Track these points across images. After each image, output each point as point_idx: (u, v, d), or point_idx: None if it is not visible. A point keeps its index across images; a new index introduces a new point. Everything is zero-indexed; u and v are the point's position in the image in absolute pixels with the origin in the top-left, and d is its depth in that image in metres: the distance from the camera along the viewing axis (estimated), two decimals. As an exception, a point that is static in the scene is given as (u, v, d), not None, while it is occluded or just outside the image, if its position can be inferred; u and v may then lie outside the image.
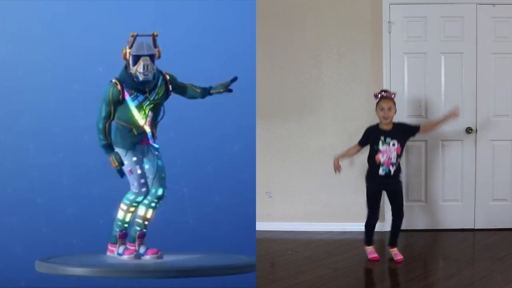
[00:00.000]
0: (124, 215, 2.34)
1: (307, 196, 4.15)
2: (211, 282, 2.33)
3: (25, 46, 2.68)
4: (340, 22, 4.01)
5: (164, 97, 2.32)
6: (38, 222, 2.67)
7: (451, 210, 4.05)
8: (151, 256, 2.32)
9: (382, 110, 3.17)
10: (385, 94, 3.21)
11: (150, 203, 2.33)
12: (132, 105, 2.26)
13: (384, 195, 3.38)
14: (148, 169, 2.32)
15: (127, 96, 2.25)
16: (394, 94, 3.24)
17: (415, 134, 3.27)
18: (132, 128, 2.28)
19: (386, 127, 3.20)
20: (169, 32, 2.39)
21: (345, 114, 4.05)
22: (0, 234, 2.66)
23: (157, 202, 2.34)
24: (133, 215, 2.35)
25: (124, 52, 2.24)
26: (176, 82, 2.36)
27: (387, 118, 3.17)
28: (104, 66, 2.46)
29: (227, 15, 2.80)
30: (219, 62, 2.77)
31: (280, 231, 4.09)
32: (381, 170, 3.20)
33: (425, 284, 2.94)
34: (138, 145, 2.30)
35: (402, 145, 3.21)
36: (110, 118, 2.24)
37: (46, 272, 2.15)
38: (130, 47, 2.22)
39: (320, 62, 4.05)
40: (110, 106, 2.22)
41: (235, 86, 2.50)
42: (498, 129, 3.98)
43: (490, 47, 3.91)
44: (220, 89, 2.42)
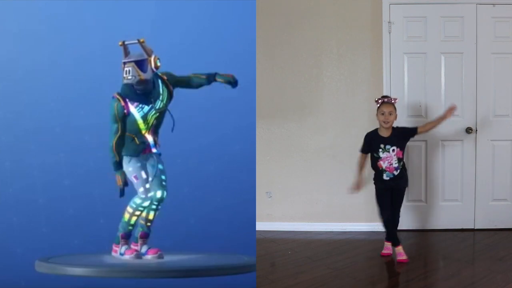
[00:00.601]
0: (129, 218, 2.33)
1: (307, 196, 4.15)
2: (211, 282, 2.33)
3: (25, 46, 2.69)
4: (340, 22, 4.01)
5: (168, 101, 2.30)
6: (39, 222, 2.67)
7: (451, 210, 4.05)
8: (152, 256, 2.32)
9: (382, 114, 3.17)
10: (386, 100, 3.21)
11: (151, 205, 2.33)
12: (137, 116, 2.24)
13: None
14: (150, 173, 2.32)
15: (132, 108, 2.23)
16: (395, 100, 3.23)
17: (414, 135, 3.26)
18: (134, 137, 2.28)
19: (384, 134, 3.20)
20: (169, 32, 2.39)
21: (345, 114, 4.05)
22: (1, 234, 2.67)
23: (157, 204, 2.33)
24: (138, 218, 2.34)
25: (122, 66, 2.20)
26: (175, 78, 2.31)
27: (388, 122, 3.16)
28: (104, 66, 2.46)
29: (227, 15, 2.81)
30: (219, 62, 2.77)
31: (280, 231, 4.09)
32: (385, 176, 3.21)
33: (425, 284, 2.94)
34: (141, 153, 2.30)
35: (402, 148, 3.21)
36: (119, 133, 2.21)
37: (46, 272, 2.14)
38: (125, 57, 2.20)
39: (320, 62, 4.05)
40: (118, 122, 2.21)
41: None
42: (498, 129, 3.98)
43: (490, 47, 3.91)
44: (224, 79, 2.31)
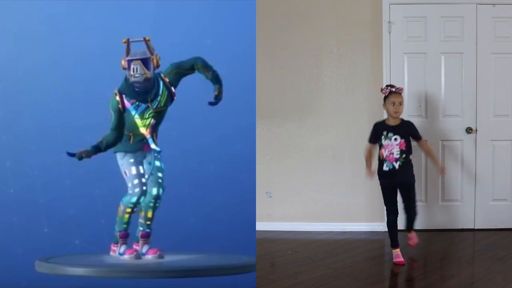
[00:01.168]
0: (122, 215, 2.34)
1: (307, 196, 4.15)
2: (211, 282, 2.33)
3: (25, 46, 2.69)
4: (340, 22, 4.01)
5: (168, 102, 2.32)
6: (40, 222, 2.67)
7: (451, 210, 4.05)
8: (152, 256, 2.32)
9: (393, 104, 3.11)
10: (394, 89, 3.14)
11: (149, 203, 2.34)
12: (134, 113, 2.27)
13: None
14: (146, 170, 2.32)
15: (128, 105, 2.26)
16: (402, 89, 3.19)
17: (415, 140, 3.23)
18: (130, 135, 2.29)
19: (392, 123, 3.17)
20: (169, 32, 2.39)
21: (345, 114, 4.05)
22: (1, 234, 2.67)
23: (154, 202, 2.34)
24: (130, 216, 2.34)
25: (122, 62, 2.24)
26: (177, 70, 2.33)
27: (398, 112, 3.12)
28: (104, 66, 2.46)
29: (227, 15, 2.81)
30: (219, 62, 2.77)
31: (280, 231, 4.09)
32: (385, 165, 3.17)
33: (425, 284, 2.94)
34: (139, 151, 2.31)
35: (407, 140, 3.14)
36: (111, 126, 2.25)
37: (46, 272, 2.15)
38: (127, 55, 2.23)
39: (320, 62, 4.05)
40: (112, 115, 2.25)
41: (235, 86, 2.49)
42: (498, 129, 3.98)
43: (490, 47, 3.91)
44: (217, 91, 2.34)
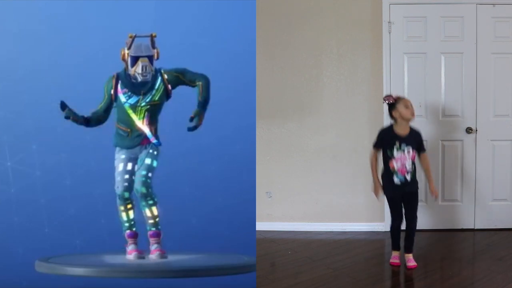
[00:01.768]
0: (120, 214, 2.34)
1: (307, 196, 4.15)
2: (211, 282, 2.33)
3: (25, 46, 2.68)
4: (340, 22, 4.01)
5: (163, 98, 2.32)
6: (40, 222, 2.67)
7: (451, 210, 4.05)
8: (154, 255, 2.31)
9: (407, 107, 3.00)
10: (401, 96, 3.09)
11: (141, 202, 2.32)
12: (126, 105, 2.28)
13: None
14: (137, 167, 2.31)
15: (121, 93, 2.27)
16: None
17: (418, 152, 3.11)
18: (128, 131, 2.30)
19: (401, 131, 3.03)
20: (169, 32, 2.39)
21: (345, 114, 4.05)
22: (2, 234, 2.67)
23: (143, 200, 2.29)
24: (128, 214, 2.33)
25: (122, 53, 2.25)
26: (180, 75, 2.32)
27: (415, 114, 3.02)
28: (105, 66, 2.45)
29: (227, 15, 2.80)
30: (219, 62, 2.77)
31: (280, 231, 4.09)
32: (395, 178, 3.04)
33: (425, 284, 2.94)
34: (138, 146, 2.31)
35: (415, 152, 3.07)
36: (103, 109, 2.28)
37: (46, 272, 2.15)
38: (129, 48, 2.23)
39: (320, 62, 4.05)
40: (105, 97, 2.29)
41: (235, 86, 2.49)
42: (498, 129, 3.98)
43: (490, 47, 3.92)
44: (198, 115, 2.28)
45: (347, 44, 4.01)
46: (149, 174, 2.29)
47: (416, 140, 3.07)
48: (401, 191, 3.09)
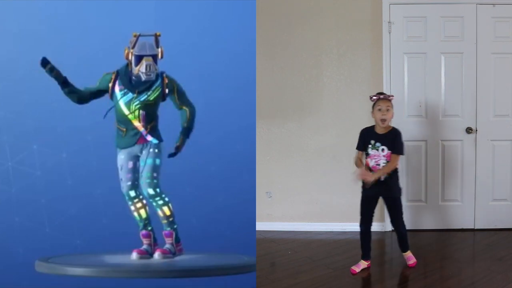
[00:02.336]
0: (132, 213, 2.33)
1: (307, 196, 4.15)
2: (211, 282, 2.33)
3: (25, 46, 2.69)
4: (340, 22, 4.01)
5: (158, 99, 2.29)
6: (41, 222, 2.67)
7: (451, 210, 4.05)
8: (158, 253, 2.30)
9: (379, 110, 2.96)
10: (382, 96, 3.02)
11: (152, 203, 2.32)
12: (121, 101, 2.27)
13: (381, 203, 3.23)
14: (140, 166, 2.30)
15: (117, 90, 2.27)
16: (392, 96, 3.06)
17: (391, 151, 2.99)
18: (124, 131, 2.29)
19: (380, 131, 3.01)
20: (169, 32, 2.39)
21: (345, 114, 4.05)
22: (3, 234, 2.67)
23: (153, 201, 2.29)
24: (139, 213, 2.32)
25: (126, 52, 2.24)
26: (176, 90, 2.30)
27: (385, 120, 2.96)
28: (105, 65, 2.45)
29: (227, 15, 2.81)
30: (219, 62, 2.77)
31: (280, 231, 4.09)
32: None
33: (425, 284, 2.94)
34: (136, 145, 2.30)
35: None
36: (88, 93, 2.30)
37: (46, 272, 2.14)
38: (133, 47, 2.23)
39: (320, 62, 4.05)
40: (96, 85, 2.30)
41: (235, 86, 2.48)
42: (498, 129, 3.98)
43: (490, 47, 3.92)
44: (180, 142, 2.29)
45: (347, 44, 4.01)
46: (154, 174, 2.27)
47: (392, 140, 2.99)
48: (375, 190, 3.01)
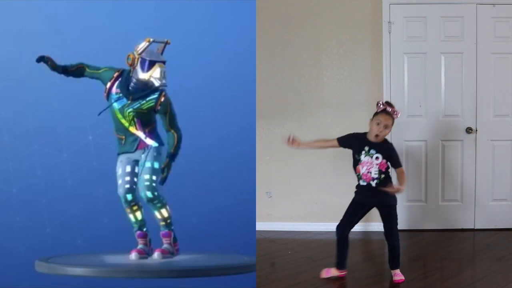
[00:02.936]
0: (128, 217, 2.33)
1: (307, 196, 4.15)
2: (211, 282, 2.33)
3: (25, 46, 2.69)
4: (340, 22, 4.01)
5: (151, 110, 2.26)
6: (42, 222, 2.67)
7: (451, 210, 4.05)
8: (157, 253, 2.30)
9: (377, 125, 2.81)
10: (388, 109, 2.83)
11: (149, 207, 2.31)
12: (115, 106, 2.25)
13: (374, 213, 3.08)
14: (138, 170, 2.29)
15: (113, 92, 2.26)
16: (397, 112, 2.86)
17: (392, 166, 2.91)
18: (123, 138, 2.29)
19: (373, 139, 2.87)
20: (169, 32, 2.40)
21: (345, 114, 4.05)
22: (4, 233, 2.67)
23: (151, 204, 2.28)
24: (135, 215, 2.32)
25: (131, 57, 2.22)
26: (169, 112, 2.26)
27: (379, 136, 2.82)
28: (105, 65, 2.46)
29: (227, 15, 2.81)
30: (219, 62, 2.77)
31: (280, 231, 4.09)
32: (361, 182, 2.92)
33: (425, 284, 2.94)
34: (137, 151, 2.29)
35: (387, 162, 2.86)
36: (91, 70, 2.30)
37: (46, 272, 2.14)
38: (141, 52, 2.21)
39: (320, 62, 4.05)
40: (98, 70, 2.29)
41: (235, 86, 2.48)
42: (498, 129, 3.98)
43: (490, 47, 3.92)
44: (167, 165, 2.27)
45: (347, 44, 4.01)
46: (153, 177, 2.25)
47: (385, 151, 2.86)
48: (365, 198, 2.94)
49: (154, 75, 2.21)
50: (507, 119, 3.99)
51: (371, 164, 2.85)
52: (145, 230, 2.35)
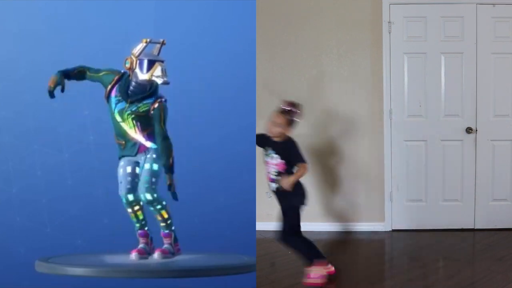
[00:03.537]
0: (130, 216, 2.34)
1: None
2: (211, 282, 2.33)
3: (25, 46, 2.69)
4: (340, 22, 4.01)
5: (146, 113, 2.25)
6: (42, 222, 2.68)
7: (451, 210, 4.05)
8: (157, 253, 2.31)
9: (271, 120, 2.72)
10: (286, 108, 2.73)
11: (149, 208, 2.32)
12: (114, 109, 2.26)
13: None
14: (138, 172, 2.30)
15: (113, 95, 2.26)
16: (295, 113, 2.75)
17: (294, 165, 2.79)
18: (123, 143, 2.29)
19: (276, 138, 2.75)
20: (169, 32, 2.40)
21: (345, 114, 4.05)
22: (4, 233, 2.68)
23: (151, 206, 2.29)
24: (136, 215, 2.33)
25: (130, 61, 2.22)
26: (163, 120, 2.24)
27: (272, 133, 2.73)
28: (105, 65, 2.46)
29: (227, 15, 2.81)
30: (219, 62, 2.78)
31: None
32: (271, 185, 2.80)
33: (425, 284, 2.94)
34: (138, 154, 2.29)
35: (287, 164, 2.74)
36: (91, 73, 2.28)
37: (46, 272, 2.15)
38: (139, 54, 2.21)
39: (320, 62, 4.05)
40: (98, 74, 2.28)
41: (235, 86, 2.48)
42: (498, 129, 3.98)
43: (490, 47, 3.91)
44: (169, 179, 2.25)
45: (347, 44, 4.01)
46: (152, 179, 2.26)
47: (284, 150, 2.75)
48: (278, 199, 2.84)
49: (155, 74, 2.21)
50: (507, 119, 3.98)
51: (270, 164, 2.76)
52: (146, 229, 2.36)
